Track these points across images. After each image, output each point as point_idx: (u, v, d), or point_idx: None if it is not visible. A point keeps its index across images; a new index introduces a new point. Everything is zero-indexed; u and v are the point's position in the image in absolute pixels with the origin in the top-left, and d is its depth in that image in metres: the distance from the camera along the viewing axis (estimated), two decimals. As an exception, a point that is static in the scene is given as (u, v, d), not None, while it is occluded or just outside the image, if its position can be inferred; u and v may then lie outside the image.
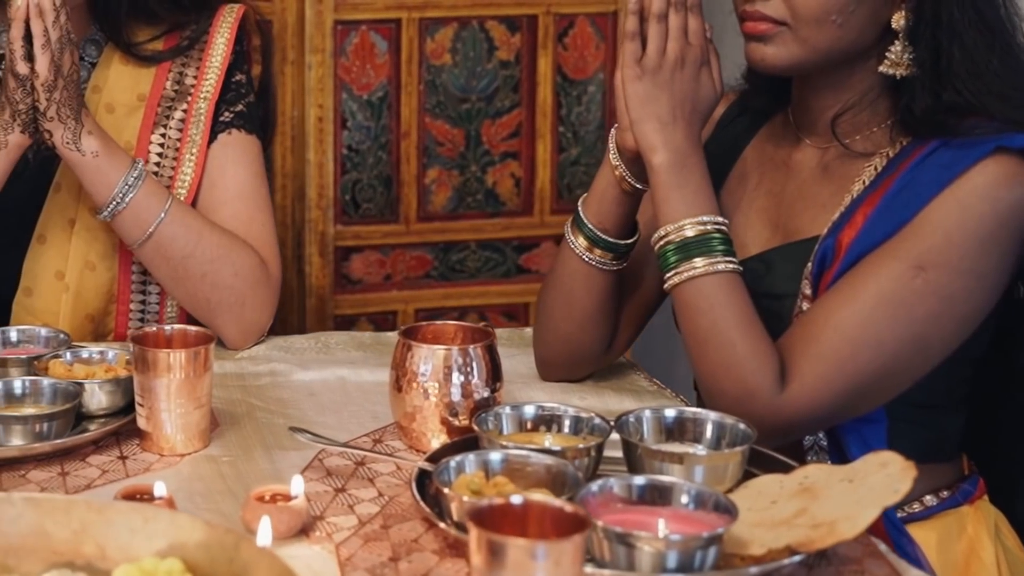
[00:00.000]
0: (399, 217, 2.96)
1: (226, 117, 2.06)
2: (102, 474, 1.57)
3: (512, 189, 3.01)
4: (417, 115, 2.93)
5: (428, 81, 2.93)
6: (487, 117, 2.97)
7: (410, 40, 2.90)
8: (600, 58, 2.99)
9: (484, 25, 2.94)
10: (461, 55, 2.94)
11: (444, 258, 3.01)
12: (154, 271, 1.97)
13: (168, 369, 1.60)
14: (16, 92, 1.85)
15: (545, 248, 3.04)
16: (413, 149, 2.94)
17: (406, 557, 1.37)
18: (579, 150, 3.02)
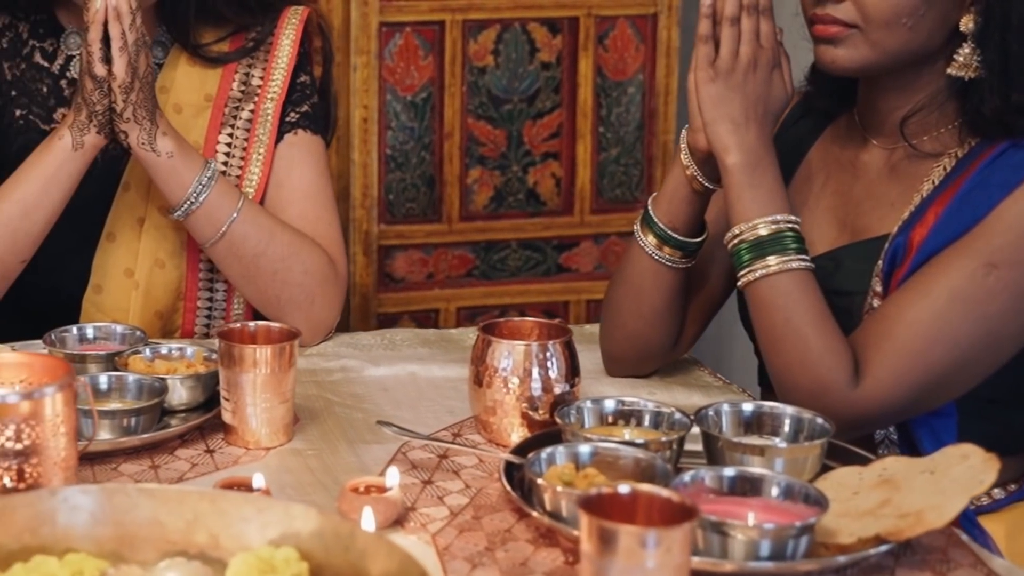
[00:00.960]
0: (441, 216, 3.00)
1: (292, 118, 2.10)
2: (192, 467, 1.61)
3: (552, 189, 3.05)
4: (460, 116, 2.97)
5: (471, 82, 2.97)
6: (528, 118, 3.01)
7: (453, 42, 2.94)
8: (639, 59, 3.03)
9: (526, 27, 2.98)
10: (503, 57, 2.98)
11: (485, 257, 3.05)
12: (226, 269, 2.00)
13: (254, 364, 1.64)
14: (93, 94, 1.89)
15: (585, 247, 3.08)
16: (456, 149, 2.98)
17: (502, 547, 1.40)
18: (619, 150, 3.06)
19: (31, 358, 1.46)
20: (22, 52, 2.10)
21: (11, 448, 1.36)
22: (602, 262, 3.09)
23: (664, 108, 3.05)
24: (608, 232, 3.08)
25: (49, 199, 1.93)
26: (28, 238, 1.94)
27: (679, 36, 3.03)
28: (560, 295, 3.08)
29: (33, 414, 1.36)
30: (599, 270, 3.09)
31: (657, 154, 3.06)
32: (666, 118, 3.05)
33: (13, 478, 1.36)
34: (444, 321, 3.01)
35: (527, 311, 3.05)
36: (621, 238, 3.08)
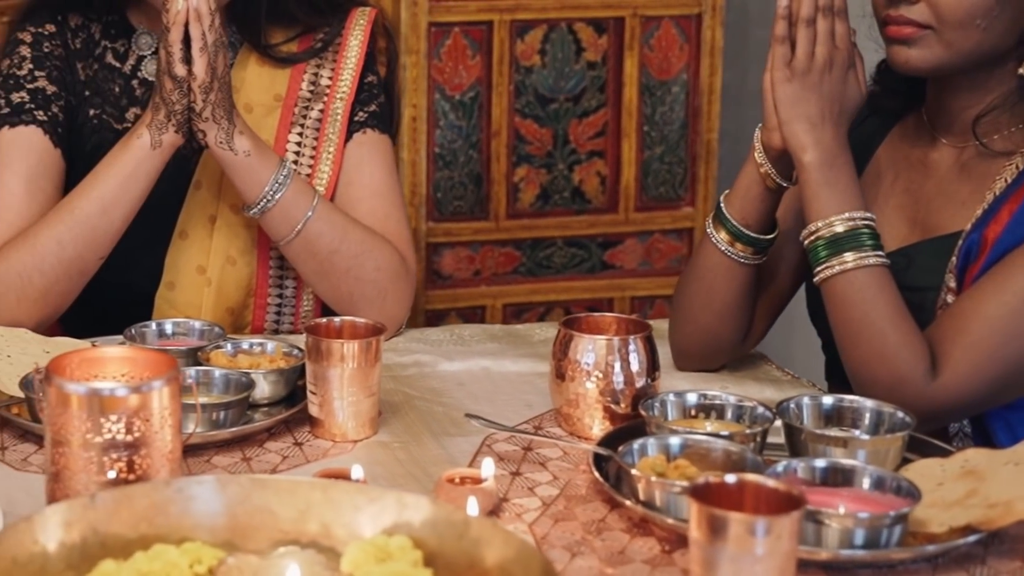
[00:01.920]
0: (489, 214, 3.04)
1: (360, 117, 2.13)
2: (283, 459, 1.64)
3: (598, 187, 3.08)
4: (507, 115, 3.01)
5: (518, 81, 3.00)
6: (574, 117, 3.04)
7: (501, 42, 2.97)
8: (684, 59, 3.07)
9: (572, 27, 3.01)
10: (550, 56, 3.01)
11: (531, 254, 3.08)
12: (300, 266, 2.03)
13: (342, 359, 1.67)
14: (173, 93, 1.92)
15: (629, 245, 3.11)
16: (503, 148, 3.01)
17: (598, 536, 1.44)
18: (662, 149, 3.09)
19: (135, 352, 1.50)
20: (94, 52, 2.13)
21: (121, 440, 1.39)
22: (646, 259, 3.12)
23: (708, 107, 3.08)
24: (652, 230, 3.11)
25: (127, 197, 1.97)
26: (106, 235, 1.98)
27: (723, 36, 3.06)
28: (604, 292, 3.11)
29: (142, 407, 1.40)
30: (643, 267, 3.12)
31: (700, 152, 3.10)
32: (709, 117, 3.09)
33: (123, 470, 1.40)
34: (490, 318, 3.05)
35: (572, 308, 3.09)
36: (664, 235, 3.11)
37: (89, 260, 1.98)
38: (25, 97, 2.07)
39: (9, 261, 1.96)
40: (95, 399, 1.40)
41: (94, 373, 1.48)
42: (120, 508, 1.29)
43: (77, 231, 1.96)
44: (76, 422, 1.39)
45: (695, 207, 3.11)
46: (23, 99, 2.07)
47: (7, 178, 2.04)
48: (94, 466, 1.39)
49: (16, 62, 2.10)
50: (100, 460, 1.39)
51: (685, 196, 3.12)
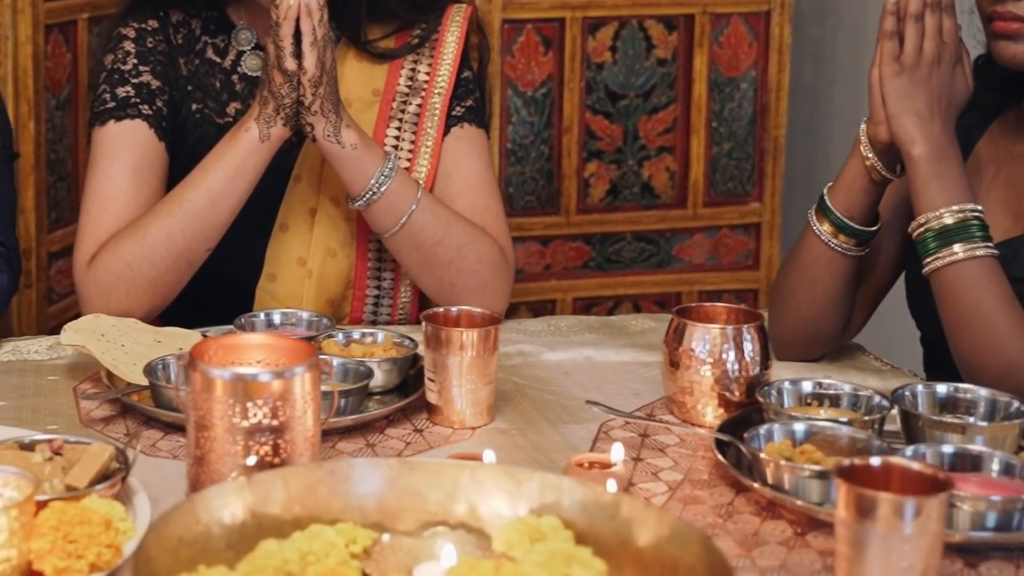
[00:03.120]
0: (559, 209, 3.07)
1: (458, 112, 2.17)
2: (406, 445, 1.68)
3: (667, 182, 3.12)
4: (578, 111, 3.04)
5: (589, 78, 3.04)
6: (644, 113, 3.08)
7: (573, 39, 3.01)
8: (752, 56, 3.10)
9: (643, 24, 3.05)
10: (621, 53, 3.05)
11: (601, 249, 3.12)
12: (403, 258, 2.07)
13: (461, 347, 1.71)
14: (282, 87, 1.96)
15: (697, 239, 3.15)
16: (574, 144, 3.05)
17: (729, 519, 1.47)
18: (731, 145, 3.13)
19: (274, 339, 1.53)
20: (195, 48, 2.17)
21: (267, 424, 1.43)
22: (713, 254, 3.16)
23: (776, 104, 3.12)
24: (720, 225, 3.15)
25: (235, 189, 2.00)
26: (214, 227, 2.01)
27: (791, 33, 3.09)
28: (673, 286, 3.15)
29: (286, 392, 1.43)
30: (710, 262, 3.16)
31: (768, 148, 3.13)
32: (777, 113, 3.12)
33: (269, 453, 1.43)
34: (560, 312, 3.09)
35: (640, 302, 3.13)
36: (732, 231, 3.15)
37: (197, 251, 2.02)
38: (130, 91, 2.11)
39: (119, 252, 2.00)
40: (239, 384, 1.43)
41: (231, 359, 1.51)
42: (275, 490, 1.32)
43: (186, 223, 2.00)
44: (222, 407, 1.43)
45: (762, 203, 3.14)
46: (128, 93, 2.11)
47: (114, 170, 2.07)
48: (240, 450, 1.43)
49: (120, 57, 2.14)
50: (246, 444, 1.43)
51: (752, 192, 3.15)
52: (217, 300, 2.11)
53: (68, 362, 1.95)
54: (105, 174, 2.08)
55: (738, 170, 3.13)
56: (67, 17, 2.99)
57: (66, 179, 3.03)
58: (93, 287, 2.02)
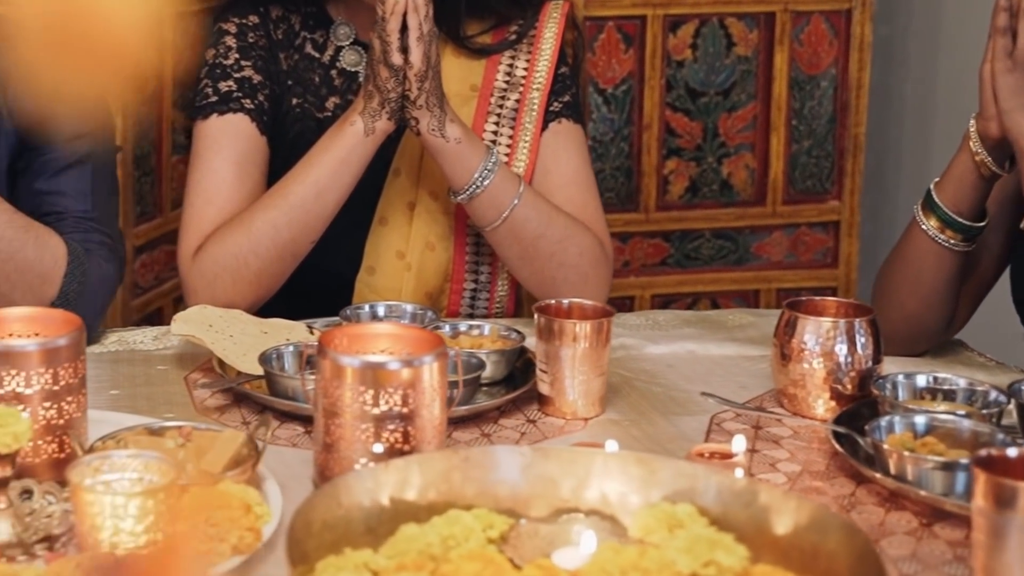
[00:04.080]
0: (638, 206, 3.09)
1: (556, 107, 2.18)
2: (521, 436, 1.69)
3: (746, 180, 3.12)
4: (658, 108, 3.05)
5: (669, 75, 3.05)
6: (724, 110, 3.09)
7: (654, 36, 3.02)
8: (833, 54, 3.10)
9: (724, 22, 3.05)
10: (701, 50, 3.06)
11: (680, 246, 3.13)
12: (504, 251, 2.08)
13: (574, 339, 1.72)
14: (388, 82, 1.98)
15: (776, 237, 3.15)
16: (653, 141, 3.06)
17: (852, 510, 1.48)
18: (810, 143, 3.13)
19: (400, 329, 1.55)
20: (295, 43, 2.19)
21: (397, 412, 1.45)
22: (792, 252, 3.16)
23: (856, 102, 3.12)
24: (799, 222, 3.15)
25: (340, 182, 2.02)
26: (319, 220, 2.03)
27: (871, 31, 3.10)
28: (751, 284, 3.16)
29: (415, 380, 1.45)
30: (789, 259, 3.16)
31: (848, 147, 3.13)
32: (857, 111, 3.12)
33: (399, 440, 1.45)
34: (638, 308, 3.09)
35: (718, 300, 3.13)
36: (811, 228, 3.15)
37: (302, 244, 2.04)
38: (232, 86, 2.13)
39: (225, 244, 2.02)
40: (369, 372, 1.45)
41: (356, 349, 1.53)
42: (412, 475, 1.34)
43: (292, 215, 2.02)
44: (352, 394, 1.45)
45: (841, 201, 3.14)
46: (231, 88, 2.13)
47: (217, 164, 2.10)
48: (370, 437, 1.45)
49: (222, 52, 2.16)
50: (376, 431, 1.45)
51: (832, 190, 3.16)
52: (315, 292, 2.14)
53: (175, 352, 1.98)
54: (208, 167, 2.10)
55: (817, 168, 3.14)
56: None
57: (150, 174, 3.06)
58: (199, 278, 2.04)
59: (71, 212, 2.07)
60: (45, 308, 1.64)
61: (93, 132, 2.13)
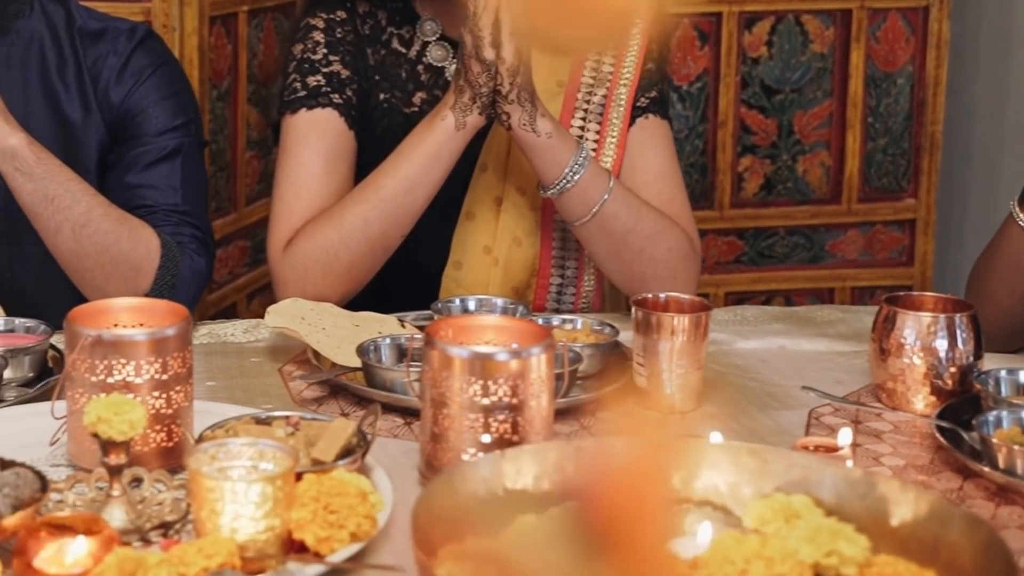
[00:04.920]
0: (713, 203, 3.08)
1: (643, 103, 2.18)
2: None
3: (821, 177, 3.11)
4: (733, 105, 3.05)
5: (744, 72, 3.05)
6: (799, 108, 3.08)
7: (729, 33, 3.02)
8: (910, 51, 3.09)
9: (800, 19, 3.05)
10: (777, 47, 3.05)
11: (754, 243, 3.12)
12: (593, 246, 2.08)
13: (672, 332, 1.72)
14: (480, 76, 1.98)
15: (851, 235, 3.14)
16: (728, 138, 3.06)
17: (962, 504, 1.47)
18: (886, 140, 3.12)
19: (508, 321, 1.56)
20: (381, 38, 2.20)
21: (506, 403, 1.45)
22: (867, 250, 3.15)
23: (932, 99, 3.11)
24: (874, 220, 3.14)
25: (431, 176, 2.03)
26: (409, 213, 2.04)
27: (949, 28, 3.08)
28: (826, 282, 3.15)
29: (523, 371, 1.46)
30: (864, 257, 3.15)
31: (924, 144, 3.12)
32: (934, 109, 3.11)
33: (508, 431, 1.46)
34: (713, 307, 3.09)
35: (793, 297, 3.13)
36: (886, 227, 3.14)
37: (392, 237, 2.05)
38: (321, 81, 2.14)
39: (316, 237, 2.03)
40: (478, 363, 1.46)
41: (461, 340, 1.54)
42: (527, 466, 1.34)
43: (383, 209, 2.03)
44: (461, 385, 1.46)
45: (917, 199, 3.13)
46: (319, 82, 2.14)
47: (306, 158, 2.11)
48: (479, 427, 1.46)
49: (310, 47, 2.17)
50: (486, 421, 1.45)
51: (908, 188, 3.14)
52: (401, 287, 2.14)
53: (267, 344, 1.99)
54: (298, 161, 2.11)
55: (893, 166, 3.13)
56: (229, 9, 3.04)
57: (225, 169, 3.09)
58: (290, 272, 2.05)
59: (162, 205, 2.09)
60: (150, 299, 1.65)
61: (182, 126, 2.15)
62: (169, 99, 2.15)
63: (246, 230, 3.15)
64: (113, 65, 2.14)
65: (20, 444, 1.56)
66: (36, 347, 1.81)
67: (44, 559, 1.26)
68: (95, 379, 1.49)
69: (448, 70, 2.19)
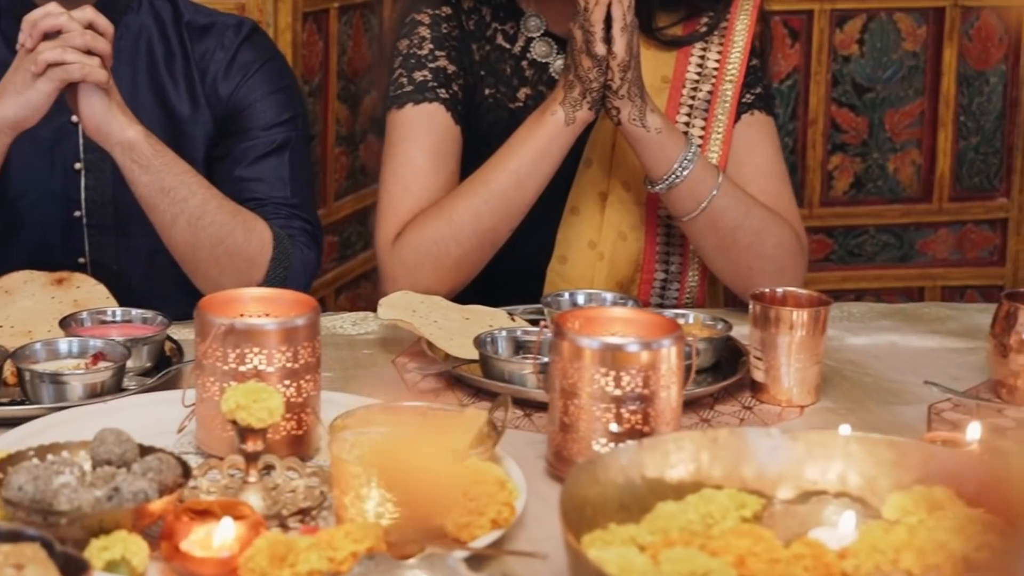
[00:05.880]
0: (803, 201, 3.08)
1: (748, 99, 2.18)
2: (740, 422, 1.69)
3: (912, 176, 3.10)
4: (824, 103, 3.04)
5: (835, 70, 3.04)
6: (890, 106, 3.07)
7: (820, 31, 3.01)
8: (1003, 50, 3.08)
9: (892, 16, 3.03)
10: (868, 45, 3.04)
11: (843, 242, 3.11)
12: (700, 241, 2.08)
13: (791, 327, 1.72)
14: (591, 72, 1.99)
15: (941, 234, 3.13)
16: (818, 136, 3.05)
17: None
18: (978, 139, 3.10)
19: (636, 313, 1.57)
20: (486, 34, 2.21)
21: (638, 393, 1.46)
22: (958, 249, 3.14)
23: (1026, 98, 3.10)
24: (965, 220, 3.13)
25: (540, 171, 2.04)
26: (519, 208, 2.05)
27: (1043, 26, 3.07)
28: (916, 281, 3.14)
29: (654, 362, 1.46)
30: (954, 257, 3.14)
31: (1017, 144, 3.10)
32: (1027, 108, 3.10)
33: (639, 421, 1.46)
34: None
35: (882, 296, 3.11)
36: (977, 226, 3.13)
37: (501, 232, 2.06)
38: (427, 76, 2.16)
39: (426, 231, 2.05)
40: (608, 353, 1.47)
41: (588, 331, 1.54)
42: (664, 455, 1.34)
43: (493, 203, 2.03)
44: (592, 375, 1.46)
45: (1010, 198, 3.11)
46: (426, 78, 2.15)
47: (414, 152, 2.12)
48: (610, 417, 1.46)
49: (416, 42, 2.18)
50: (617, 412, 1.46)
51: (1000, 187, 3.13)
52: (506, 281, 2.15)
53: (377, 337, 2.01)
54: (405, 155, 2.12)
55: (985, 165, 3.11)
56: (321, 6, 3.06)
57: (314, 165, 3.10)
58: (399, 265, 2.06)
59: (271, 199, 2.11)
60: (277, 289, 1.66)
61: (290, 120, 2.17)
62: (277, 93, 2.17)
63: (334, 225, 3.17)
64: (221, 60, 2.16)
65: (146, 433, 1.57)
66: (155, 337, 1.84)
67: (192, 542, 1.27)
68: (226, 367, 1.51)
69: (552, 66, 2.20)
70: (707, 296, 2.28)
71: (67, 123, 2.10)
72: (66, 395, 1.68)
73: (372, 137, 3.22)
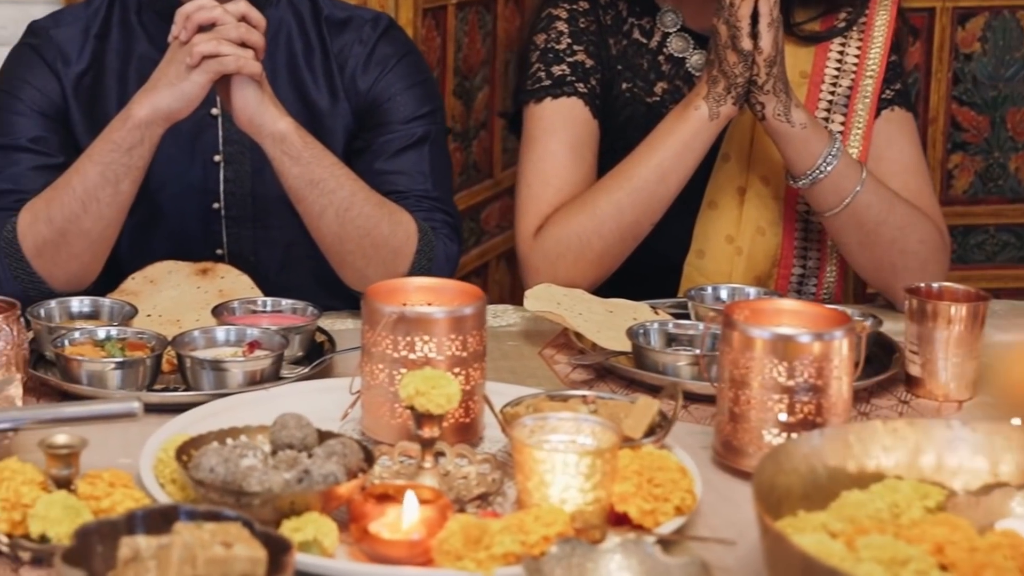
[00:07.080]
0: (922, 200, 3.06)
1: (888, 95, 2.18)
2: (899, 416, 1.69)
3: (1034, 175, 3.09)
4: (944, 101, 3.02)
5: (956, 68, 3.02)
6: (1013, 105, 3.05)
7: (942, 29, 3.00)
8: None
9: (1016, 15, 3.01)
10: (991, 43, 3.02)
11: (962, 241, 3.10)
12: (843, 237, 2.07)
13: (949, 322, 1.72)
14: (736, 67, 1.99)
15: (1062, 235, 3.11)
16: (939, 134, 3.03)
17: None
18: (1100, 138, 3.08)
19: (807, 306, 1.57)
20: (622, 29, 2.22)
21: (811, 384, 1.46)
22: (1080, 250, 3.12)
23: None
24: (1087, 220, 3.10)
25: (683, 165, 2.04)
26: (661, 202, 2.05)
27: None
28: (1035, 281, 3.12)
29: (825, 353, 1.47)
30: (1076, 257, 3.12)
31: None
32: None
33: (811, 412, 1.47)
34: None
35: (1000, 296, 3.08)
36: (1098, 227, 3.10)
37: (643, 225, 2.06)
38: (566, 70, 2.17)
39: (569, 224, 2.06)
40: (780, 344, 1.47)
41: (756, 321, 1.54)
42: (843, 445, 1.34)
43: (636, 197, 2.04)
44: (763, 366, 1.47)
45: None
46: (564, 72, 2.17)
47: (553, 146, 2.13)
48: (781, 408, 1.47)
49: (554, 37, 2.19)
50: (790, 402, 1.46)
51: (1122, 187, 3.10)
52: (644, 274, 2.16)
53: (520, 329, 2.02)
54: (545, 149, 2.13)
55: (1108, 163, 3.09)
56: (439, 2, 3.08)
57: (434, 161, 3.12)
58: (541, 258, 2.07)
59: (413, 192, 2.12)
60: (440, 279, 1.67)
61: (429, 114, 2.18)
62: (415, 87, 2.19)
63: (448, 222, 3.18)
64: (359, 54, 2.18)
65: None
66: (306, 327, 1.86)
67: (381, 525, 1.29)
68: (397, 355, 1.52)
69: (688, 61, 2.21)
70: (849, 293, 2.27)
71: (207, 115, 2.13)
72: (226, 382, 1.71)
73: (484, 133, 3.24)
